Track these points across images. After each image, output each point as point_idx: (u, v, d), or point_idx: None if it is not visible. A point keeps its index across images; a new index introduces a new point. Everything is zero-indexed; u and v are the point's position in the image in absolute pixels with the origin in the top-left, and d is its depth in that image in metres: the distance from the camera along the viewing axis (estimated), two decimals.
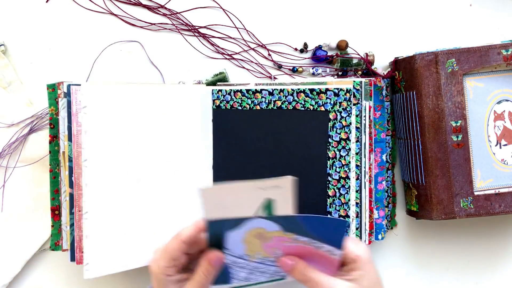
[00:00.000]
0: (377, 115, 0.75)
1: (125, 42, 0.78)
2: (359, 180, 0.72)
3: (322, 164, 0.72)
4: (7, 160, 0.75)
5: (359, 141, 0.72)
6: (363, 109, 0.72)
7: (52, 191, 0.72)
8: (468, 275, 0.81)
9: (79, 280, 0.77)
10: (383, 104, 0.75)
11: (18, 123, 0.75)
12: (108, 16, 0.78)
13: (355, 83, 0.72)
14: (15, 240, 0.75)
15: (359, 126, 0.72)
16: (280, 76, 0.79)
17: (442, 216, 0.71)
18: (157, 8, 0.78)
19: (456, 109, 0.71)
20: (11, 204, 0.75)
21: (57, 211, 0.71)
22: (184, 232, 0.59)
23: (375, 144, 0.74)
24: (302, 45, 0.79)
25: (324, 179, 0.72)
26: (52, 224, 0.72)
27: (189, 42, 0.78)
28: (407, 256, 0.80)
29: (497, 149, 0.73)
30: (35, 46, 0.77)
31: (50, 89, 0.70)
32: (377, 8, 0.80)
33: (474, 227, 0.81)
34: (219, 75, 0.77)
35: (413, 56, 0.72)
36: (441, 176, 0.71)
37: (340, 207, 0.72)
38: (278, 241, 0.57)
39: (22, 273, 0.76)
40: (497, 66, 0.73)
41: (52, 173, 0.71)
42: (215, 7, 0.78)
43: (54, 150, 0.71)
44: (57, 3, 0.77)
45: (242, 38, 0.79)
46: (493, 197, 0.72)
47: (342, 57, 0.78)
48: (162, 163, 0.71)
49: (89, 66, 0.77)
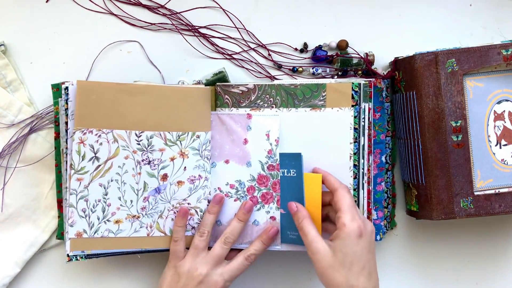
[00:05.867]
0: (377, 116, 0.75)
1: (125, 42, 0.78)
2: (357, 179, 0.72)
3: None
4: (7, 160, 0.75)
5: (357, 142, 0.72)
6: (362, 110, 0.72)
7: (57, 184, 0.74)
8: (468, 275, 0.81)
9: (79, 280, 0.77)
10: (383, 105, 0.75)
11: (18, 123, 0.75)
12: (108, 16, 0.78)
13: (354, 85, 0.71)
14: (15, 240, 0.75)
15: (357, 127, 0.72)
16: (280, 76, 0.79)
17: (442, 216, 0.71)
18: (157, 8, 0.78)
19: (456, 109, 0.71)
20: (11, 204, 0.75)
21: (62, 203, 0.73)
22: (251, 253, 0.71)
23: (374, 146, 0.74)
24: (302, 45, 0.79)
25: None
26: (59, 215, 0.75)
27: (189, 42, 0.78)
28: (407, 256, 0.80)
29: (497, 149, 0.73)
30: (35, 46, 0.77)
31: (55, 89, 0.73)
32: (377, 8, 0.80)
33: (474, 227, 0.81)
34: (218, 74, 0.77)
35: (413, 56, 0.72)
36: (441, 176, 0.71)
37: None
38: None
39: (22, 273, 0.76)
40: (497, 66, 0.73)
41: (57, 168, 0.74)
42: (215, 7, 0.78)
43: (59, 146, 0.73)
44: (57, 3, 0.77)
45: (242, 38, 0.79)
46: (493, 197, 0.72)
47: (342, 57, 0.78)
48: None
49: (89, 66, 0.77)
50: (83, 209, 0.70)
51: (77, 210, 0.70)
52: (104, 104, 0.70)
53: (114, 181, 0.70)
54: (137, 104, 0.70)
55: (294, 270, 0.79)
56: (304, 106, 0.72)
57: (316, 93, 0.72)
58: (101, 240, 0.70)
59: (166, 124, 0.71)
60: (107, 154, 0.70)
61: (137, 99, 0.70)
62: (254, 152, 0.73)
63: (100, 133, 0.70)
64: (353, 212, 0.65)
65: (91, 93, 0.69)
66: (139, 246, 0.72)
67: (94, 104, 0.69)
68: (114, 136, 0.70)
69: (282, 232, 0.73)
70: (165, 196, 0.72)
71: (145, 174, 0.71)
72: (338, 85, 0.72)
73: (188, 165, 0.72)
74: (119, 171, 0.71)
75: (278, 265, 0.79)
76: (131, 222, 0.71)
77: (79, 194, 0.70)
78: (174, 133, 0.72)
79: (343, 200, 0.66)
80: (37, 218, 0.76)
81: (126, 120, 0.70)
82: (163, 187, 0.72)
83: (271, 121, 0.72)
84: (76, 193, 0.69)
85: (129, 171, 0.71)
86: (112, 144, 0.70)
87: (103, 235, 0.70)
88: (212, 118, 0.74)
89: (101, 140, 0.70)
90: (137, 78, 0.77)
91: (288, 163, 0.71)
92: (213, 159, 0.74)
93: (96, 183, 0.70)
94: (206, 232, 0.71)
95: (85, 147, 0.69)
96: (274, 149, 0.72)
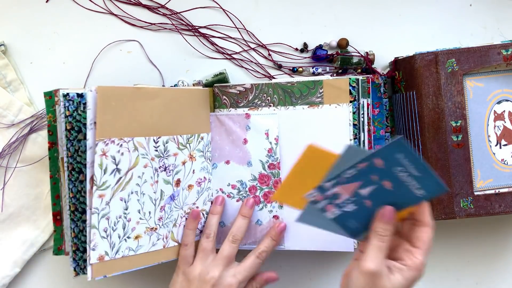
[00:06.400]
0: (376, 112, 0.75)
1: (125, 42, 0.78)
2: None
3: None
4: (7, 160, 0.75)
5: (357, 138, 0.72)
6: (361, 106, 0.72)
7: (53, 196, 0.71)
8: (468, 275, 0.81)
9: (79, 280, 0.77)
10: (382, 101, 0.75)
11: (18, 123, 0.75)
12: (108, 16, 0.78)
13: (351, 80, 0.72)
14: (15, 240, 0.75)
15: (357, 123, 0.72)
16: (280, 76, 0.79)
17: (442, 216, 0.71)
18: (157, 8, 0.78)
19: (456, 109, 0.71)
20: (11, 204, 0.75)
21: (58, 216, 0.71)
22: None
23: (374, 141, 0.74)
24: (302, 45, 0.79)
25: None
26: (55, 229, 0.71)
27: (189, 42, 0.78)
28: None
29: (497, 149, 0.73)
30: (35, 46, 0.77)
31: (47, 97, 0.70)
32: (377, 8, 0.80)
33: (474, 227, 0.81)
34: (219, 75, 0.77)
35: (413, 56, 0.72)
36: (441, 176, 0.71)
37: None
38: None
39: (22, 273, 0.76)
40: (497, 66, 0.73)
41: (52, 179, 0.71)
42: (215, 7, 0.78)
43: (54, 157, 0.71)
44: (57, 3, 0.77)
45: (242, 38, 0.79)
46: (493, 197, 0.72)
47: (342, 55, 0.77)
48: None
49: (89, 66, 0.77)
50: (105, 229, 0.64)
51: (99, 230, 0.63)
52: (123, 111, 0.64)
53: (134, 193, 0.66)
54: (152, 108, 0.67)
55: (294, 270, 0.79)
56: (301, 103, 0.72)
57: (313, 90, 0.72)
58: (122, 260, 0.65)
59: (178, 127, 0.69)
60: (128, 165, 0.65)
61: (152, 103, 0.67)
62: (254, 151, 0.73)
63: (121, 142, 0.64)
64: (426, 259, 0.59)
65: (111, 99, 0.63)
66: (157, 260, 0.68)
67: (114, 111, 0.63)
68: (135, 145, 0.65)
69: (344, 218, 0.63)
70: (178, 203, 0.70)
71: (161, 182, 0.68)
72: (335, 81, 0.72)
73: (196, 168, 0.71)
74: (138, 182, 0.66)
75: (278, 265, 0.79)
76: (149, 235, 0.67)
77: (100, 212, 0.63)
78: (184, 136, 0.70)
79: (427, 242, 0.59)
80: (37, 218, 0.76)
81: (144, 126, 0.66)
82: (177, 193, 0.70)
83: (270, 120, 0.72)
84: (98, 212, 0.63)
85: (147, 180, 0.67)
86: (132, 153, 0.65)
87: (123, 254, 0.65)
88: (211, 120, 0.74)
89: (122, 149, 0.64)
90: (137, 78, 0.77)
91: (426, 183, 0.57)
92: (214, 160, 0.74)
93: (117, 197, 0.64)
94: (212, 233, 0.70)
95: (107, 159, 0.63)
96: (274, 147, 0.72)
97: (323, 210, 0.61)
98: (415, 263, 0.58)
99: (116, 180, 0.64)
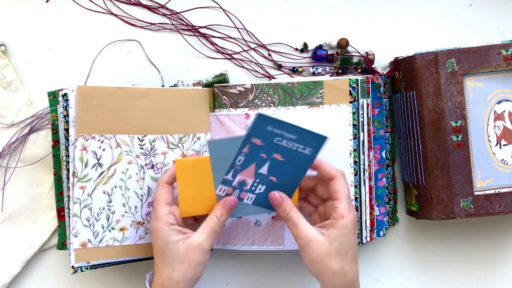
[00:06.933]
0: (376, 112, 0.75)
1: (125, 42, 0.78)
2: (358, 176, 0.72)
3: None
4: (7, 160, 0.75)
5: (357, 138, 0.72)
6: (361, 106, 0.72)
7: (56, 193, 0.73)
8: (468, 275, 0.81)
9: (79, 280, 0.77)
10: (381, 101, 0.75)
11: (18, 123, 0.75)
12: (108, 16, 0.78)
13: (351, 81, 0.72)
14: (15, 240, 0.75)
15: (356, 124, 0.72)
16: (280, 76, 0.79)
17: (442, 216, 0.71)
18: (157, 8, 0.78)
19: (456, 109, 0.71)
20: (11, 204, 0.75)
21: (62, 212, 0.73)
22: (164, 174, 0.66)
23: (374, 141, 0.74)
24: (302, 45, 0.79)
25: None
26: (59, 224, 0.73)
27: (189, 42, 0.78)
28: (407, 256, 0.80)
29: (497, 149, 0.73)
30: (35, 46, 0.77)
31: (51, 96, 0.72)
32: (377, 8, 0.80)
33: (474, 227, 0.81)
34: (219, 76, 0.77)
35: (413, 56, 0.72)
36: (441, 176, 0.71)
37: None
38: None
39: (22, 273, 0.76)
40: (497, 66, 0.73)
41: (56, 176, 0.73)
42: (215, 7, 0.78)
43: (57, 154, 0.73)
44: (57, 3, 0.77)
45: (242, 38, 0.79)
46: (493, 197, 0.72)
47: (342, 55, 0.77)
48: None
49: (89, 66, 0.77)
50: (87, 218, 0.68)
51: (81, 219, 0.68)
52: (105, 109, 0.68)
53: (118, 187, 0.69)
54: (138, 108, 0.70)
55: (294, 270, 0.79)
56: (302, 104, 0.72)
57: (314, 91, 0.72)
58: (106, 249, 0.69)
59: (168, 127, 0.71)
60: (111, 160, 0.69)
61: (139, 103, 0.70)
62: None
63: (102, 139, 0.68)
64: (349, 202, 0.65)
65: (92, 98, 0.67)
66: (145, 254, 0.71)
67: (96, 109, 0.68)
68: (117, 141, 0.69)
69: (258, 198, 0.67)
70: None
71: (148, 179, 0.71)
72: (335, 82, 0.72)
73: None
74: (122, 177, 0.69)
75: (278, 265, 0.79)
76: (136, 229, 0.70)
77: (82, 202, 0.68)
78: (176, 136, 0.72)
79: (342, 190, 0.65)
80: (37, 218, 0.76)
81: (128, 125, 0.69)
82: None
83: None
84: (80, 202, 0.68)
85: (132, 176, 0.70)
86: (115, 149, 0.69)
87: (108, 244, 0.69)
88: (211, 120, 0.74)
89: (104, 146, 0.68)
90: (137, 78, 0.77)
91: (307, 141, 0.64)
92: None
93: (100, 190, 0.68)
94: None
95: (87, 154, 0.68)
96: None
97: (240, 199, 0.66)
98: (339, 212, 0.64)
99: (98, 174, 0.68)
